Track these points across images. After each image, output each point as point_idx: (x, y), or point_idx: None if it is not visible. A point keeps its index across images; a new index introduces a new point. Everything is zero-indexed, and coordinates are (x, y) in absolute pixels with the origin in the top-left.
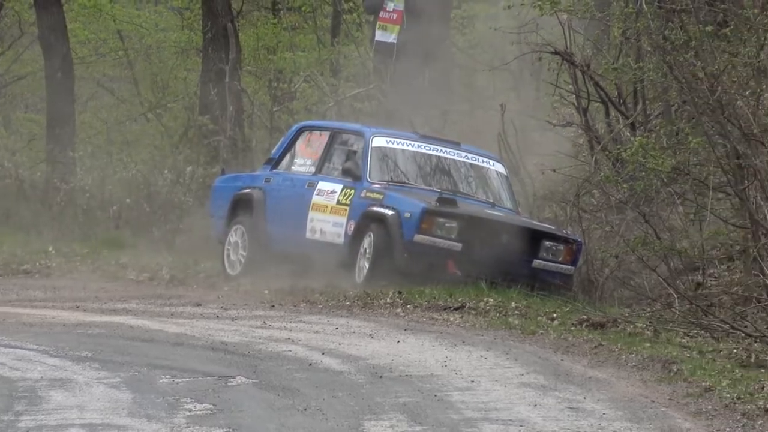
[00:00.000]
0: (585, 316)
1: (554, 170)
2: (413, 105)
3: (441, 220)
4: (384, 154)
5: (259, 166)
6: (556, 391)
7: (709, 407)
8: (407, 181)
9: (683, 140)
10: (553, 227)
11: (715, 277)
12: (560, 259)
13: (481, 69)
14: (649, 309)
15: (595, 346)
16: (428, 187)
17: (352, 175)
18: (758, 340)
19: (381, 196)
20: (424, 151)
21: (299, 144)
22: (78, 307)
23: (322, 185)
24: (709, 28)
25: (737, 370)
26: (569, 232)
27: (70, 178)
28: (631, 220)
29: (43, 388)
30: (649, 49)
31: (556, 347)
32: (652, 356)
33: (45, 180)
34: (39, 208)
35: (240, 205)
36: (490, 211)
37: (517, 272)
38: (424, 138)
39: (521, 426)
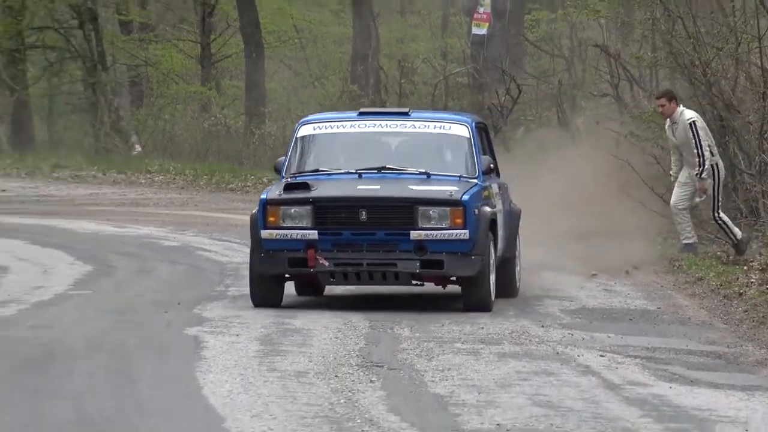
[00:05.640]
0: None
1: (597, 122)
2: (497, 80)
3: (286, 208)
4: (310, 142)
5: None
6: (596, 279)
7: (701, 291)
8: (323, 169)
9: None
10: (430, 189)
11: None
12: (446, 224)
13: (547, 55)
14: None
15: None
16: (349, 171)
17: (278, 172)
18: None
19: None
20: (358, 130)
21: None
22: None
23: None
24: (703, 30)
25: (720, 267)
26: (451, 193)
27: (261, 126)
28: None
29: (243, 268)
30: (660, 44)
31: None
32: (662, 255)
33: (244, 127)
34: (240, 147)
35: None
36: (362, 187)
37: (397, 251)
38: (363, 115)
39: (572, 301)
